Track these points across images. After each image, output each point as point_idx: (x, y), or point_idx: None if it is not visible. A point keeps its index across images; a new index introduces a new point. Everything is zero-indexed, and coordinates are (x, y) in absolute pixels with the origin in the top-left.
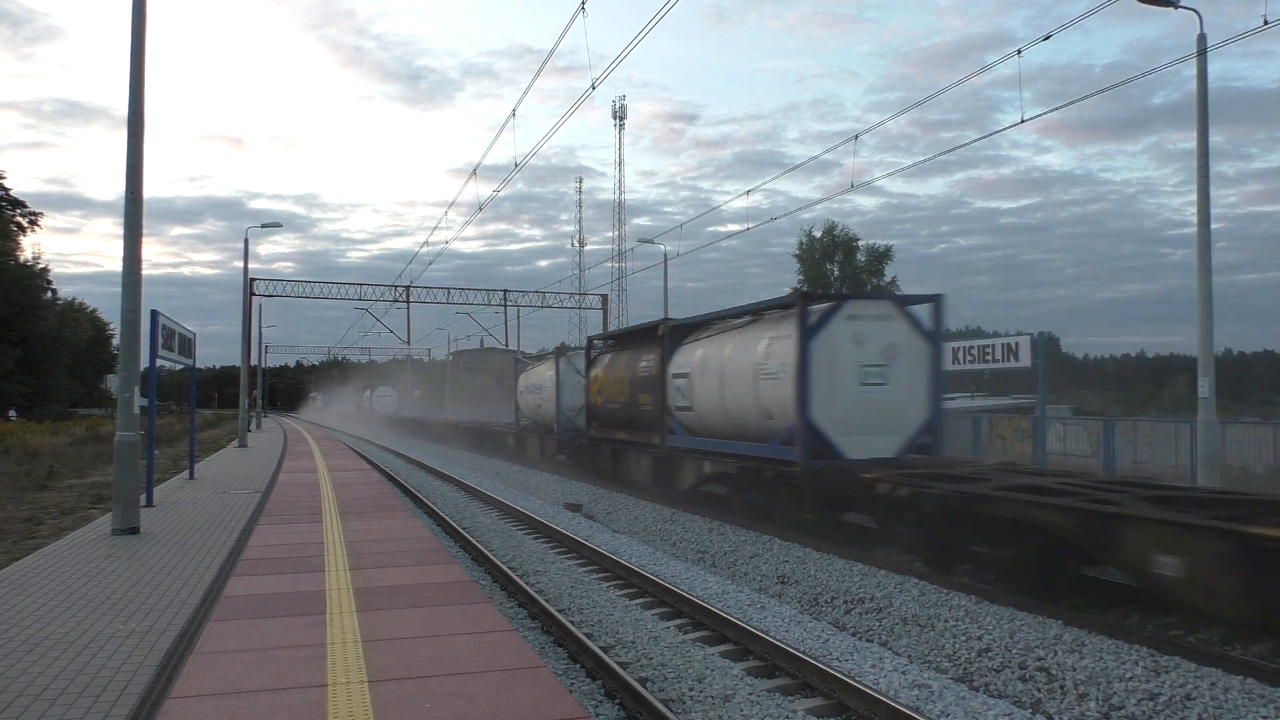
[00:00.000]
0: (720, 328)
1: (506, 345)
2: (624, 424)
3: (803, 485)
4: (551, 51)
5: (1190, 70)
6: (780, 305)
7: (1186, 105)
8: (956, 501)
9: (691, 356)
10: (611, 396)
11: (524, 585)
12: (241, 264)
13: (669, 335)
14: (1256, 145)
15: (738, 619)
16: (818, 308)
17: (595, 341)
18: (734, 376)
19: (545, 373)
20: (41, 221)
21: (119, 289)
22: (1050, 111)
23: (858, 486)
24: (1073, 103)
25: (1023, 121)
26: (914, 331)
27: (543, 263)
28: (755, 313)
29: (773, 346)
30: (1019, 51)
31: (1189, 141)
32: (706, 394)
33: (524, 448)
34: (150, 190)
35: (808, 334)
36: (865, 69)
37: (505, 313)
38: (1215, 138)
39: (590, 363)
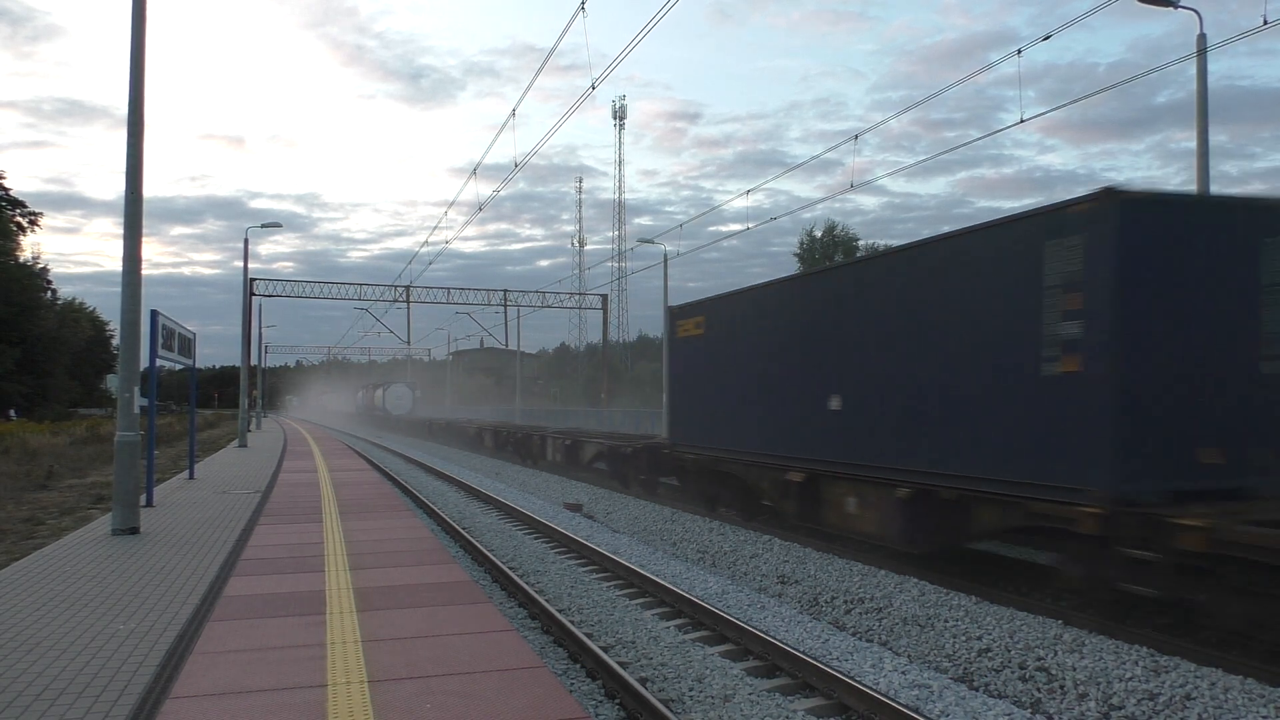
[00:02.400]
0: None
1: (506, 345)
2: None
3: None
4: (552, 51)
5: (1194, 69)
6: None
7: (1190, 104)
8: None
9: None
10: None
11: (524, 585)
12: (242, 264)
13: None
14: (1260, 144)
15: (738, 619)
16: None
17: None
18: None
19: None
20: (41, 221)
21: (119, 289)
22: (1050, 111)
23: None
24: (1073, 102)
25: (1022, 121)
26: None
27: (544, 262)
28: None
29: None
30: (1019, 51)
31: (1192, 140)
32: None
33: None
34: (150, 190)
35: None
36: (868, 67)
37: (505, 313)
38: (1219, 136)
39: None
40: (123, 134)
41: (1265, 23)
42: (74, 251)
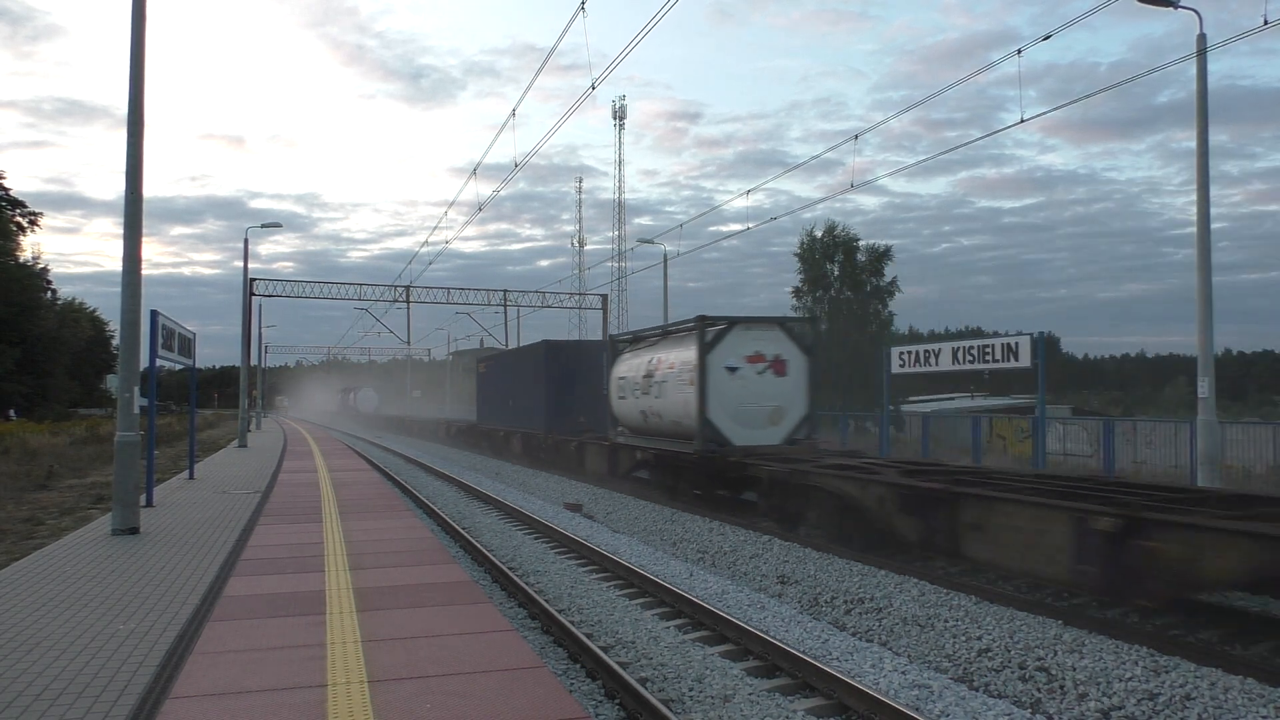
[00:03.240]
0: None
1: (506, 345)
2: None
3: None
4: (552, 51)
5: (1194, 68)
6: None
7: (1191, 103)
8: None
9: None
10: None
11: (524, 585)
12: (242, 264)
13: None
14: (1261, 144)
15: (738, 619)
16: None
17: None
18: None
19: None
20: (41, 221)
21: (119, 289)
22: (1050, 111)
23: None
24: (1073, 102)
25: (1022, 121)
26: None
27: (544, 262)
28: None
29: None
30: (1019, 51)
31: (1194, 140)
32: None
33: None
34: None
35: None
36: (869, 67)
37: (505, 313)
38: (1220, 136)
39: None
40: (123, 134)
41: (1265, 23)
42: (74, 251)
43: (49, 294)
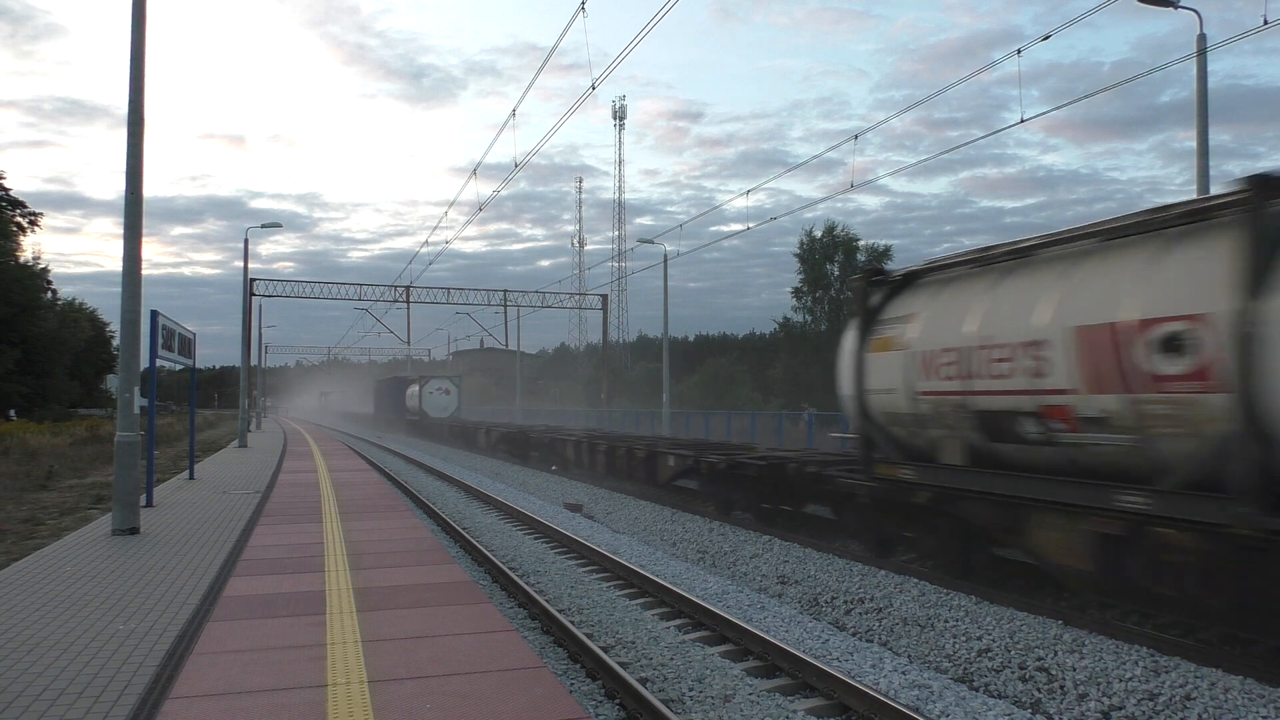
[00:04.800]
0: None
1: (506, 345)
2: None
3: None
4: (552, 50)
5: (1195, 68)
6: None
7: (1194, 103)
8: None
9: None
10: None
11: (524, 585)
12: (242, 264)
13: None
14: (1264, 144)
15: (738, 619)
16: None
17: None
18: None
19: None
20: (41, 221)
21: (119, 289)
22: (1051, 111)
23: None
24: (1074, 101)
25: (1023, 120)
26: None
27: (545, 262)
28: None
29: None
30: (1019, 51)
31: (1196, 139)
32: None
33: None
34: (151, 190)
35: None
36: (872, 66)
37: (505, 313)
38: (1223, 136)
39: None
40: (123, 133)
41: (1265, 23)
42: (74, 251)
43: (49, 294)
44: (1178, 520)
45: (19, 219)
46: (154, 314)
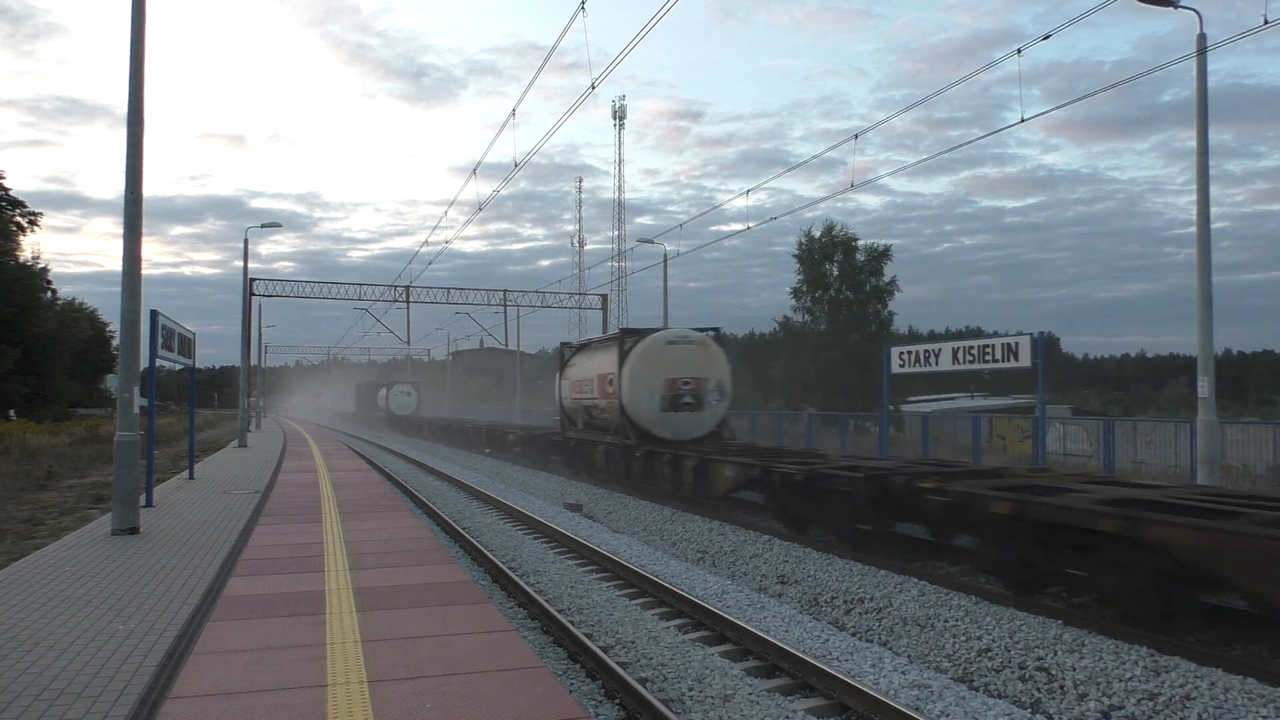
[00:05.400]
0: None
1: (506, 345)
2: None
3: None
4: (552, 50)
5: (1195, 68)
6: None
7: (1194, 102)
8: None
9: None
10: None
11: (524, 585)
12: (242, 264)
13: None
14: (1265, 143)
15: (738, 619)
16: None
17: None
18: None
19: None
20: (41, 221)
21: (119, 289)
22: (1051, 110)
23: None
24: (1074, 101)
25: (1023, 120)
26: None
27: (545, 262)
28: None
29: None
30: (1019, 50)
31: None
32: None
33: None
34: (150, 189)
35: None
36: (872, 66)
37: (505, 313)
38: (1224, 135)
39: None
40: (123, 133)
41: (1266, 22)
42: (74, 251)
43: (49, 294)
44: (610, 443)
45: (19, 219)
46: (154, 314)
